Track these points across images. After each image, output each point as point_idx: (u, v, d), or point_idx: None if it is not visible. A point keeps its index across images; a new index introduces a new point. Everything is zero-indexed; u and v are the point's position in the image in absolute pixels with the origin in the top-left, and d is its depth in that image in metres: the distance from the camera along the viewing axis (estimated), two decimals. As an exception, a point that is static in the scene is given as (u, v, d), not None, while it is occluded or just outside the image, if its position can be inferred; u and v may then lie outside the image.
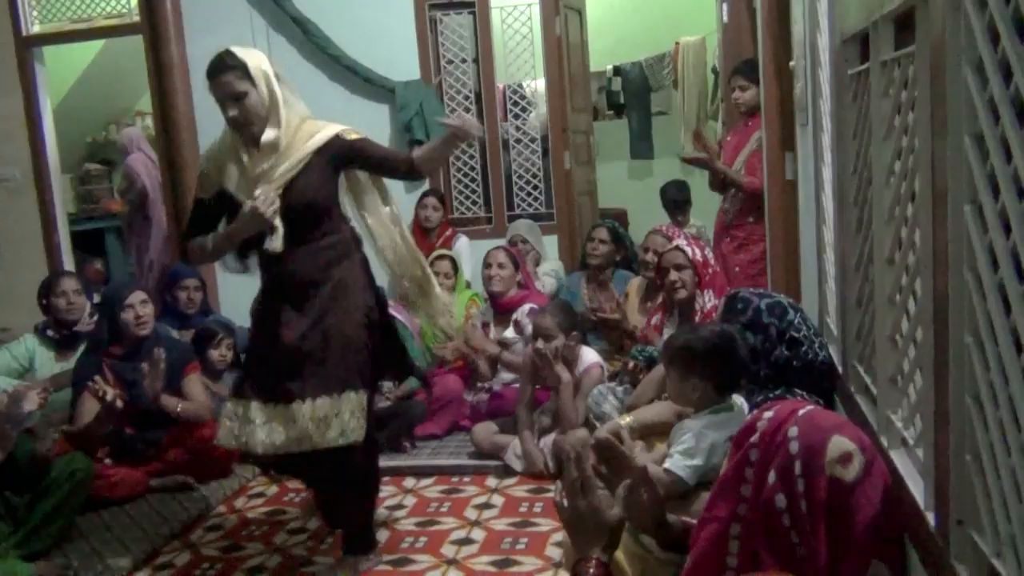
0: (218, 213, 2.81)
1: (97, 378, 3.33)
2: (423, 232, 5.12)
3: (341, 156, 2.76)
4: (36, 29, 5.79)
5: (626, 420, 2.51)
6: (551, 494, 3.38)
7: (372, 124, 5.38)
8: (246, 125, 2.65)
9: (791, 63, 3.31)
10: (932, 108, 1.32)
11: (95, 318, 3.93)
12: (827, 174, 2.47)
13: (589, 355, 3.73)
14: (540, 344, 3.59)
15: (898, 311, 1.69)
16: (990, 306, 1.11)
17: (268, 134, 2.65)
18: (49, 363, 3.98)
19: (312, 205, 2.71)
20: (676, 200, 5.79)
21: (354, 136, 2.78)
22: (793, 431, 1.52)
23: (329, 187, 2.77)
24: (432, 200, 5.11)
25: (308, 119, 2.76)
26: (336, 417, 2.64)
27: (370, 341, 2.78)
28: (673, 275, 3.40)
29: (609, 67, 7.81)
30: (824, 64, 2.42)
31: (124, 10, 5.65)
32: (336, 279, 2.75)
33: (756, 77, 4.20)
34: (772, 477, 1.50)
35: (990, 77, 1.09)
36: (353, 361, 2.71)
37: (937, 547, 1.33)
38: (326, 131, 2.73)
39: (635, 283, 4.27)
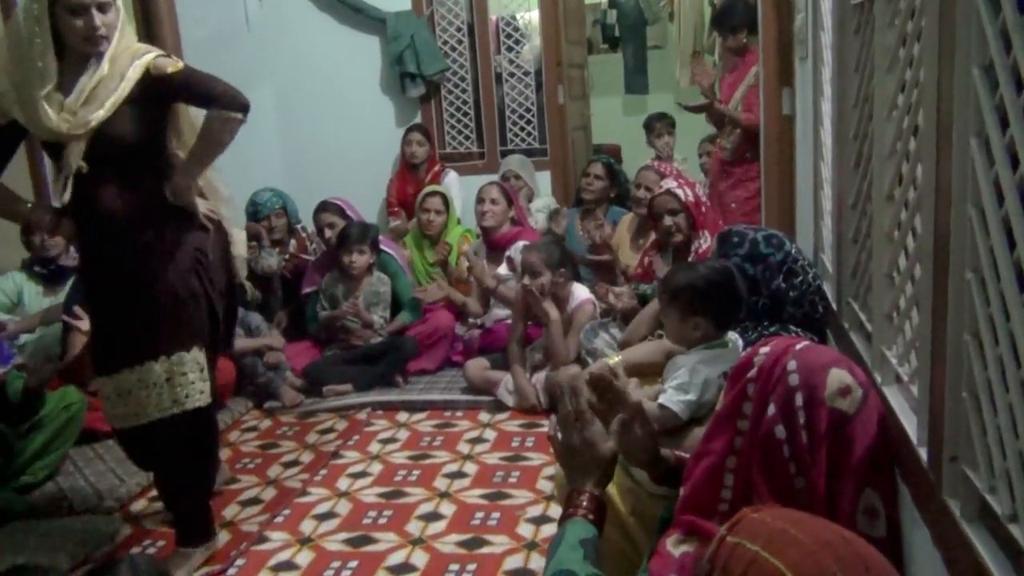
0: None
1: (76, 308, 3.31)
2: (410, 168, 5.07)
3: (162, 92, 2.42)
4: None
5: (614, 360, 2.50)
6: (543, 429, 3.41)
7: (362, 56, 5.28)
8: (96, 44, 2.33)
9: (792, -6, 3.24)
10: (940, 38, 1.28)
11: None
12: (826, 108, 2.43)
13: (580, 291, 3.72)
14: (527, 280, 3.58)
15: (896, 248, 1.67)
16: (993, 241, 1.09)
17: (104, 62, 2.34)
18: (38, 298, 3.95)
19: (129, 145, 2.41)
20: (648, 124, 5.68)
21: (172, 69, 2.40)
22: (792, 364, 1.52)
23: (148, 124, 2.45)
24: (417, 136, 5.05)
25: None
26: (168, 383, 2.47)
27: (204, 292, 2.54)
28: (668, 220, 3.35)
29: (604, -1, 7.67)
30: (826, -6, 2.36)
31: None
32: (155, 227, 2.47)
33: (737, 21, 4.15)
34: (772, 409, 1.51)
35: (1003, 3, 1.05)
36: (185, 317, 2.49)
37: (928, 482, 1.33)
38: (142, 60, 2.39)
39: (626, 220, 4.24)
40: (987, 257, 1.12)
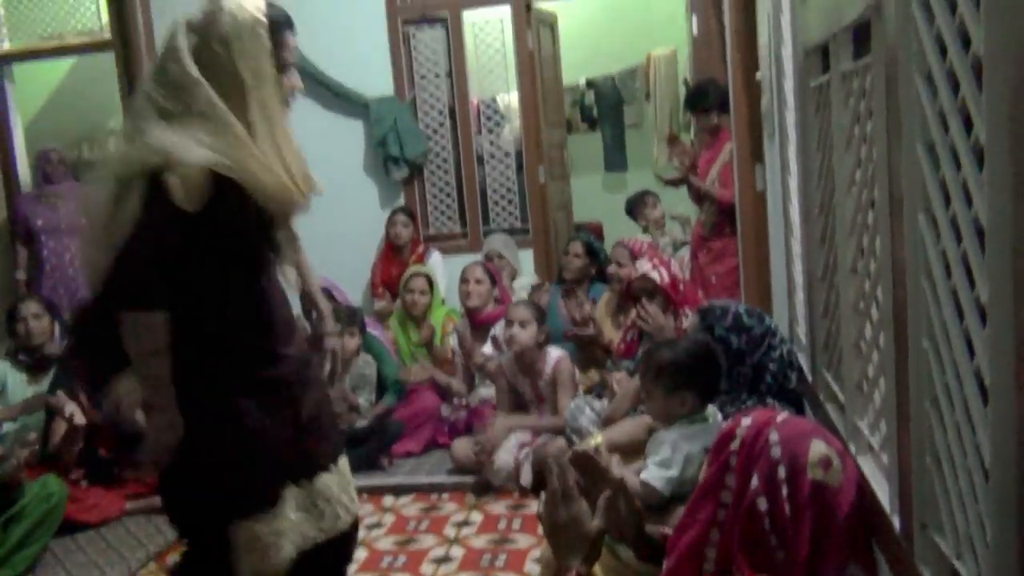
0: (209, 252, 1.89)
1: (60, 393, 3.30)
2: (395, 249, 5.13)
3: None
4: (6, 46, 5.76)
5: (596, 440, 2.51)
6: (529, 510, 3.39)
7: (346, 139, 5.39)
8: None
9: (757, 75, 3.35)
10: (888, 117, 1.35)
11: (65, 340, 3.89)
12: (793, 185, 2.50)
13: (553, 351, 3.76)
14: (516, 329, 3.60)
15: (862, 318, 1.71)
16: (944, 312, 1.13)
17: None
18: (21, 386, 3.93)
19: None
20: (628, 210, 5.78)
21: None
22: (774, 436, 1.55)
23: None
24: (402, 217, 5.12)
25: None
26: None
27: None
28: (642, 312, 3.33)
29: (582, 80, 7.85)
30: (788, 76, 2.45)
31: (95, 27, 5.63)
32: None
33: (709, 103, 4.28)
34: (755, 481, 1.53)
35: (939, 87, 1.11)
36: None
37: (902, 550, 1.35)
38: None
39: (605, 297, 4.29)
40: (940, 326, 1.15)
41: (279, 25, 1.94)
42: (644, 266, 3.50)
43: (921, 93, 1.18)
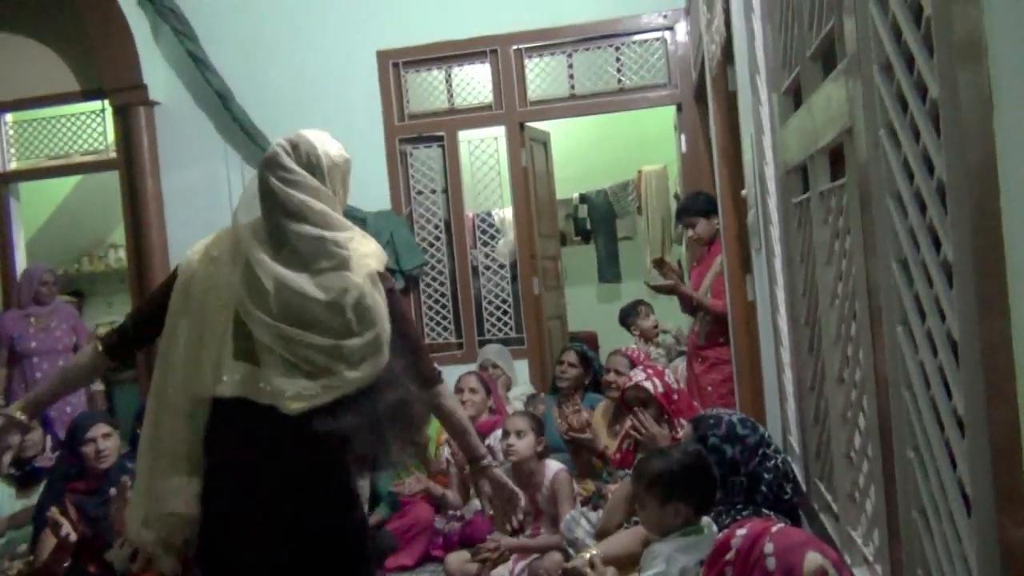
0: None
1: (54, 508, 3.26)
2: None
3: None
4: (13, 165, 5.92)
5: (592, 552, 2.49)
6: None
7: (344, 253, 5.48)
8: None
9: (743, 192, 3.46)
10: (863, 234, 1.41)
11: (57, 453, 3.87)
12: (780, 296, 2.56)
13: (551, 464, 3.73)
14: (513, 440, 3.59)
15: (850, 428, 1.73)
16: (925, 422, 1.16)
17: None
18: (10, 500, 3.88)
19: None
20: (622, 320, 5.82)
21: None
22: (769, 547, 1.55)
23: None
24: None
25: None
26: None
27: None
28: (635, 421, 3.34)
29: (575, 195, 8.05)
30: (772, 193, 2.54)
31: (101, 147, 5.81)
32: None
33: (701, 211, 4.40)
34: (750, 594, 1.52)
35: (908, 208, 1.18)
36: None
37: (899, 666, 1.33)
38: None
39: (600, 407, 4.30)
40: (922, 437, 1.18)
41: None
42: (638, 375, 3.52)
43: (892, 213, 1.24)
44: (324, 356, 1.86)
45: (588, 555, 2.44)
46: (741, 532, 1.67)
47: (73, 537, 3.21)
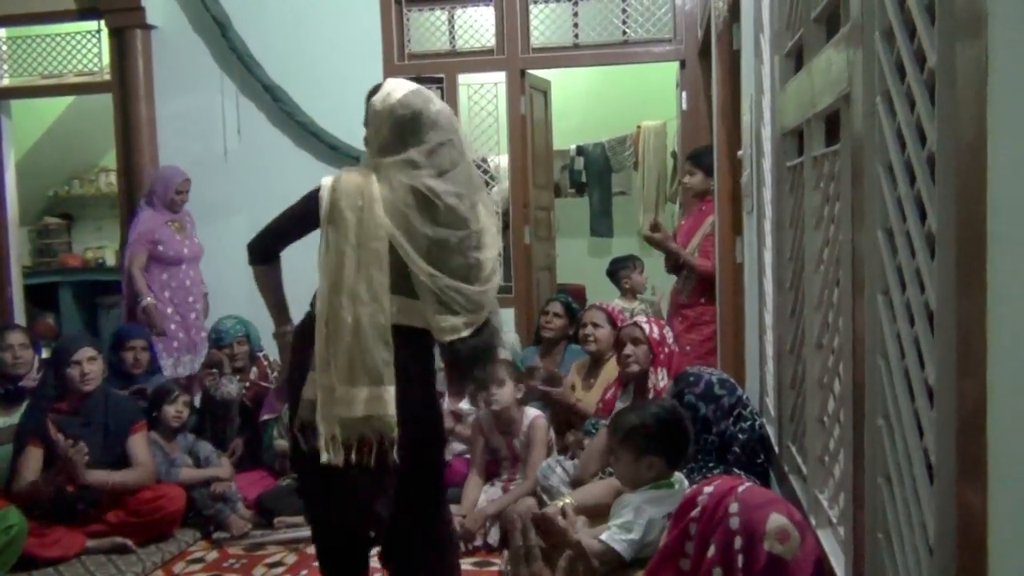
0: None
1: (60, 436, 3.32)
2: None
3: None
4: (6, 82, 5.83)
5: (566, 501, 2.53)
6: (495, 567, 3.37)
7: (336, 191, 5.45)
8: None
9: (739, 152, 3.45)
10: (852, 202, 1.41)
11: (41, 373, 3.89)
12: (768, 259, 2.57)
13: (529, 411, 3.79)
14: (494, 389, 3.63)
15: (825, 393, 1.75)
16: (897, 391, 1.18)
17: None
18: (-9, 418, 3.91)
19: None
20: (612, 271, 5.83)
21: None
22: (734, 507, 1.58)
23: None
24: None
25: None
26: None
27: None
28: (628, 349, 3.49)
29: (572, 146, 8.00)
30: (767, 155, 2.54)
31: (95, 68, 5.72)
32: None
33: (703, 164, 4.37)
34: (712, 551, 1.55)
35: (897, 178, 1.18)
36: None
37: (854, 625, 1.37)
38: None
39: (577, 362, 4.35)
40: (893, 405, 1.20)
41: None
42: (639, 317, 3.62)
43: (882, 181, 1.24)
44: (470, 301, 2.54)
45: (561, 503, 2.48)
46: (708, 490, 1.70)
47: (87, 456, 3.28)
